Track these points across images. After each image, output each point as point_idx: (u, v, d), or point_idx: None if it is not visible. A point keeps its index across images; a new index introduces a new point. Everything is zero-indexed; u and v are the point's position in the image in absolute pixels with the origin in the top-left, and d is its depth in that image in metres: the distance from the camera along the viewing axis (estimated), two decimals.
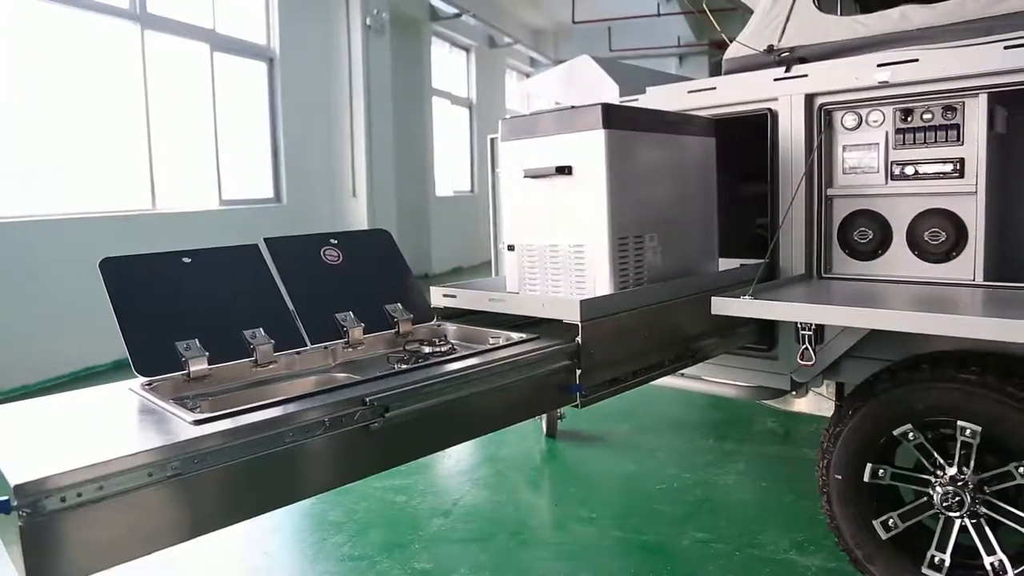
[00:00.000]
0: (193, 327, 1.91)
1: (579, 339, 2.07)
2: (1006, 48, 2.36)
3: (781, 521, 3.21)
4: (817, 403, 4.30)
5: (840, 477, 2.55)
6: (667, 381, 2.87)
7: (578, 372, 2.08)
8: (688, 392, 3.36)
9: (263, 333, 2.00)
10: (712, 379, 3.10)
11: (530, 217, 2.49)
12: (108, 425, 1.59)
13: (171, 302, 1.94)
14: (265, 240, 2.24)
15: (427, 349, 2.22)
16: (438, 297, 2.58)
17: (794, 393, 2.98)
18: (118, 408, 1.67)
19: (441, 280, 3.35)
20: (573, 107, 2.39)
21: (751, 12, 3.21)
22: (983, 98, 2.45)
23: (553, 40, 16.65)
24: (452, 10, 12.07)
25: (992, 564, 2.30)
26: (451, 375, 1.85)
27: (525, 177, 2.47)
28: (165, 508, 1.35)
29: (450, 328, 2.42)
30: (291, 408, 1.56)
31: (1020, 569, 2.26)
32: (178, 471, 1.35)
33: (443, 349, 2.21)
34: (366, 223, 9.48)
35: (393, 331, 2.32)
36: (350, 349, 2.22)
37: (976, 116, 2.48)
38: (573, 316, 2.09)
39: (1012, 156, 2.63)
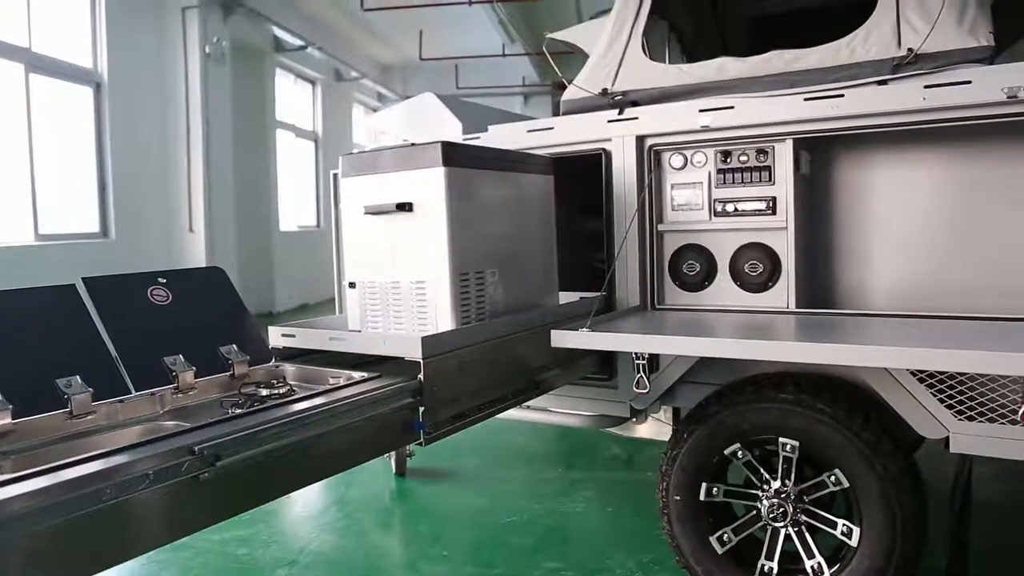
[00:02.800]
0: None
1: (421, 376, 2.06)
2: (806, 100, 2.63)
3: (628, 544, 3.30)
4: (657, 428, 4.50)
5: (679, 498, 2.67)
6: (513, 414, 2.91)
7: (421, 409, 2.07)
8: (535, 423, 3.42)
9: (80, 381, 1.85)
10: (557, 410, 3.17)
11: (371, 254, 2.46)
12: None
13: None
14: (84, 280, 2.08)
15: (264, 392, 2.13)
16: (276, 337, 2.48)
17: (634, 420, 3.11)
18: None
19: (286, 318, 3.23)
20: (413, 144, 2.41)
21: (588, 56, 3.37)
22: (789, 143, 2.71)
23: (401, 76, 16.71)
24: (297, 42, 11.85)
25: (812, 567, 2.50)
26: (289, 418, 1.78)
27: (366, 214, 2.44)
28: None
29: (289, 369, 2.34)
30: (110, 462, 1.44)
31: (835, 568, 2.46)
32: None
33: (281, 391, 2.13)
34: (204, 259, 9.02)
35: (228, 374, 2.21)
36: (180, 395, 2.09)
37: (784, 159, 2.73)
38: (415, 353, 2.07)
39: (816, 195, 2.90)
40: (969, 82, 2.39)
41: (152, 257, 8.59)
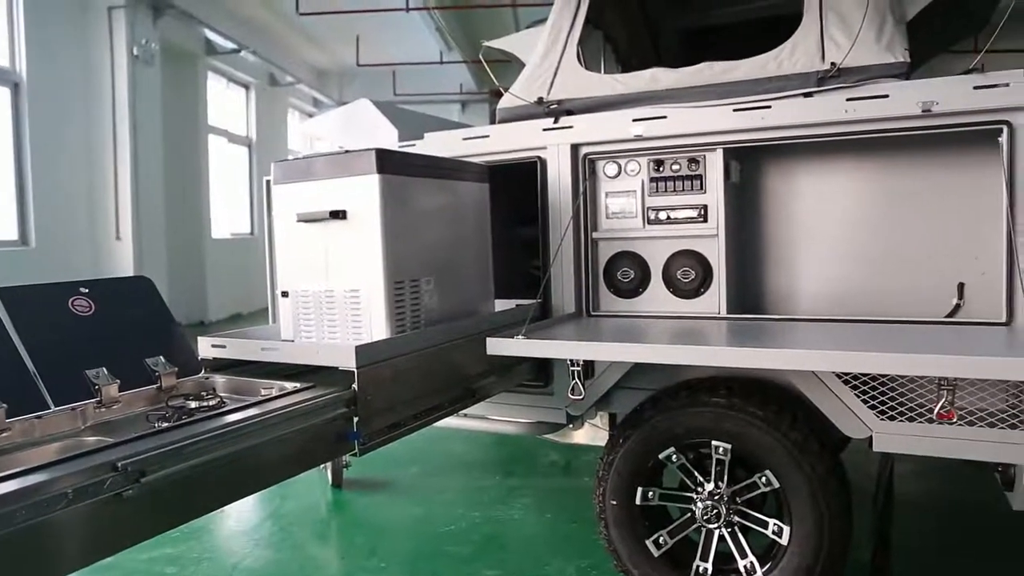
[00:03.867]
0: None
1: (355, 386, 2.04)
2: (735, 110, 2.70)
3: (566, 550, 3.32)
4: (593, 434, 4.53)
5: (615, 502, 2.70)
6: (451, 422, 2.90)
7: (355, 419, 2.04)
8: (473, 431, 3.41)
9: None
10: (494, 417, 3.17)
11: (304, 262, 2.42)
12: None
13: None
14: None
15: (193, 404, 2.06)
16: (206, 347, 2.42)
17: (571, 426, 3.13)
18: None
19: (219, 328, 3.15)
20: (347, 151, 2.38)
21: (524, 65, 3.40)
22: (720, 152, 2.77)
23: (338, 81, 16.50)
24: (230, 45, 11.59)
25: (745, 566, 2.56)
26: (219, 431, 1.74)
27: (299, 221, 2.40)
28: None
29: (219, 380, 2.28)
30: (24, 481, 1.38)
31: (767, 566, 2.52)
32: None
33: (211, 403, 2.07)
34: (132, 268, 8.73)
35: (155, 386, 2.14)
36: (103, 409, 2.01)
37: (715, 168, 2.79)
38: (349, 362, 2.05)
39: (745, 203, 2.98)
40: (887, 96, 2.50)
41: (76, 266, 8.27)
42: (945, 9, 2.90)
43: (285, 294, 2.49)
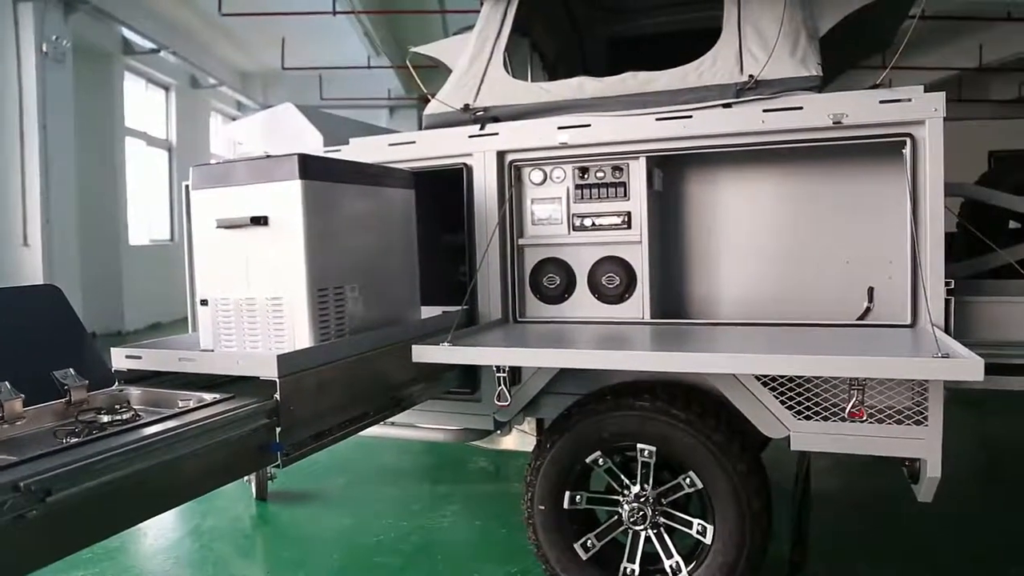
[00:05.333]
0: None
1: (277, 396, 1.99)
2: (657, 120, 2.76)
3: (496, 556, 3.32)
4: (522, 440, 4.55)
5: (543, 507, 2.72)
6: (378, 431, 2.86)
7: (278, 430, 2.00)
8: (401, 440, 3.38)
9: None
10: (422, 425, 3.15)
11: (225, 269, 2.36)
12: None
13: None
14: None
15: (105, 418, 1.98)
16: (120, 359, 2.32)
17: (499, 432, 3.13)
18: None
19: (136, 338, 3.03)
20: (268, 156, 2.33)
21: (451, 71, 3.39)
22: (643, 160, 2.83)
23: (262, 84, 16.15)
24: (148, 44, 11.20)
25: (671, 566, 2.61)
26: (132, 445, 1.67)
27: (218, 227, 2.34)
28: None
29: (134, 393, 2.19)
30: None
31: (692, 566, 2.58)
32: None
33: (124, 416, 1.99)
34: (41, 276, 8.32)
35: (63, 400, 2.05)
36: (6, 425, 1.91)
37: (639, 175, 2.85)
38: (270, 372, 2.00)
39: (668, 210, 3.05)
40: (801, 108, 2.60)
41: None
42: (853, 28, 3.03)
43: (204, 302, 2.42)
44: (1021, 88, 14.55)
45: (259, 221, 2.27)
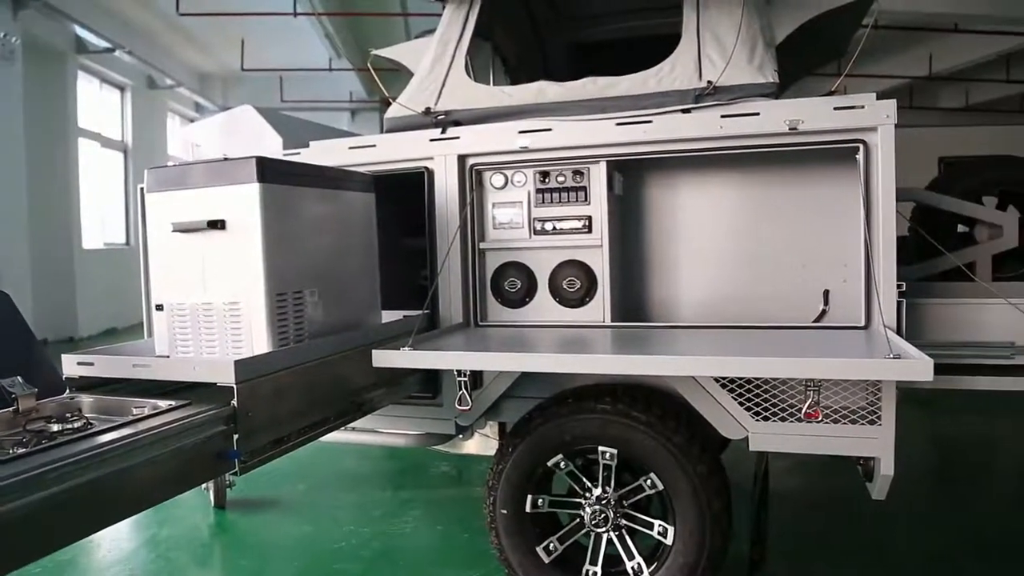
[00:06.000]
0: None
1: (235, 402, 1.96)
2: (617, 124, 2.78)
3: (458, 561, 3.31)
4: (484, 444, 4.55)
5: (505, 511, 2.72)
6: (339, 436, 2.84)
7: (236, 437, 1.96)
8: (362, 445, 3.36)
9: None
10: (383, 430, 3.13)
11: (181, 274, 2.32)
12: None
13: None
14: None
15: (55, 427, 1.92)
16: (71, 365, 2.26)
17: (461, 436, 3.12)
18: None
19: (90, 344, 2.96)
20: (226, 159, 2.30)
21: (413, 74, 3.38)
22: (603, 164, 2.85)
23: (222, 86, 15.91)
24: (103, 43, 10.95)
25: (632, 568, 2.63)
26: (83, 454, 1.63)
27: (175, 231, 2.30)
28: None
29: (86, 401, 2.14)
30: None
31: (654, 567, 2.60)
32: None
33: (76, 425, 1.93)
34: None
35: (11, 409, 1.99)
36: None
37: (599, 180, 2.86)
38: (228, 378, 1.97)
39: (628, 214, 3.07)
40: (758, 114, 2.64)
41: None
42: (808, 36, 3.09)
43: (160, 307, 2.37)
44: (969, 96, 15.01)
45: (216, 225, 2.23)
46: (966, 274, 3.08)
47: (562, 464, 2.68)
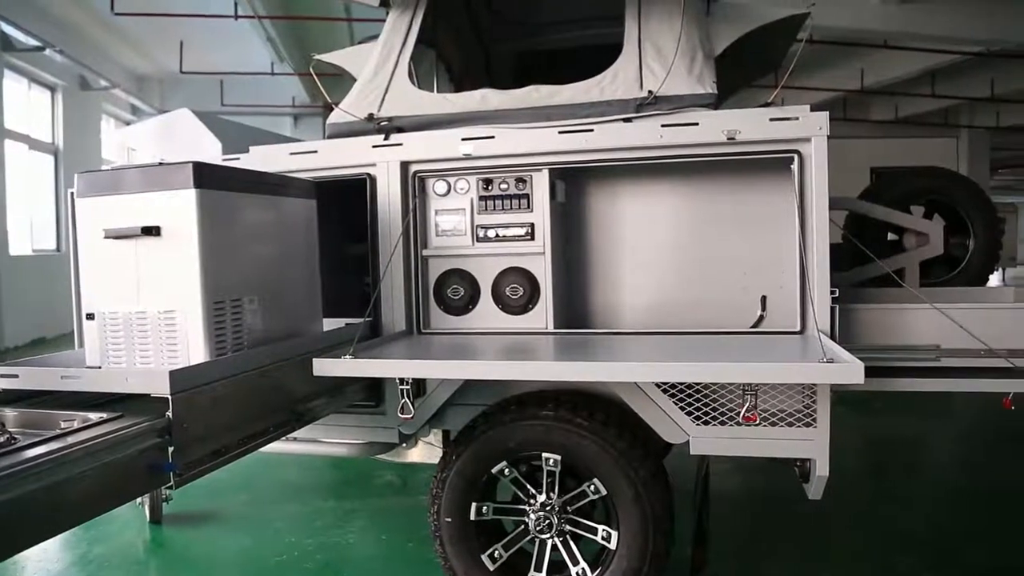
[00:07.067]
0: None
1: (170, 413, 1.91)
2: (560, 133, 2.81)
3: (402, 571, 3.29)
4: (429, 452, 4.52)
5: (450, 519, 2.70)
6: (280, 446, 2.78)
7: (171, 449, 1.91)
8: (304, 455, 3.30)
9: None
10: (326, 440, 3.08)
11: (113, 282, 2.25)
12: None
13: None
14: None
15: None
16: None
17: (404, 445, 3.10)
18: None
19: (17, 355, 2.84)
20: (161, 163, 2.24)
21: (356, 80, 3.35)
22: (546, 172, 2.87)
23: (159, 88, 15.51)
24: (32, 42, 10.55)
25: (577, 573, 2.65)
26: (5, 471, 1.56)
27: (107, 237, 2.23)
28: None
29: (10, 414, 2.05)
30: None
31: (597, 572, 2.63)
32: None
33: None
34: None
35: None
36: None
37: (542, 187, 2.88)
38: (162, 388, 1.91)
39: (571, 222, 3.10)
40: (697, 124, 2.69)
41: None
42: (746, 49, 3.17)
43: (91, 316, 2.30)
44: (898, 110, 15.61)
45: (151, 231, 2.18)
46: (895, 280, 3.19)
47: (506, 471, 2.69)
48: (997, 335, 2.61)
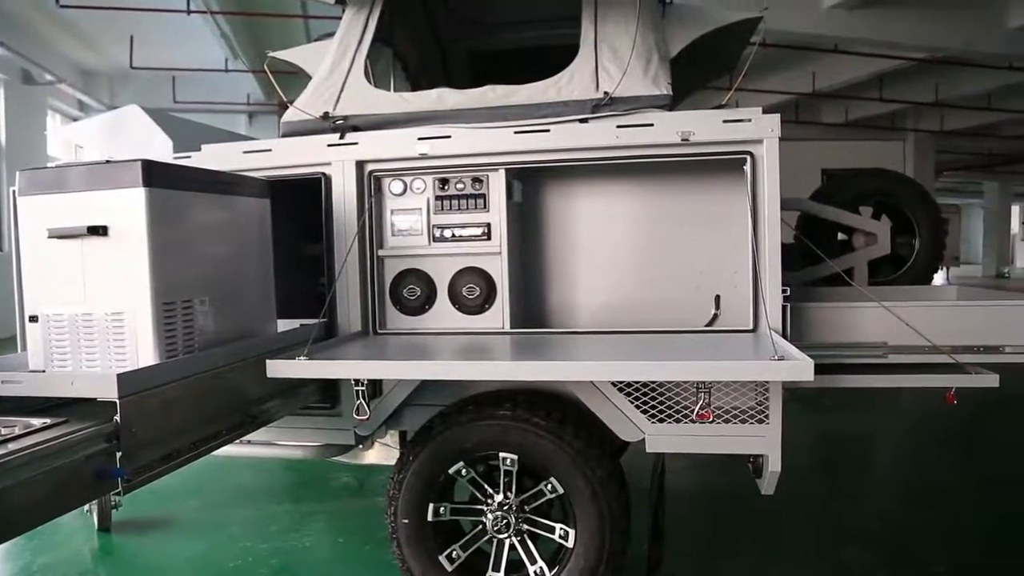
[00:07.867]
0: None
1: (117, 417, 1.86)
2: (516, 133, 2.81)
3: (360, 573, 3.27)
4: (386, 453, 4.49)
5: (407, 520, 2.69)
6: (234, 449, 2.73)
7: (119, 455, 1.87)
8: (259, 458, 3.25)
9: None
10: (281, 442, 3.04)
11: (58, 283, 2.19)
12: None
13: None
14: None
15: None
16: None
17: (361, 446, 3.07)
18: None
19: None
20: (108, 161, 2.19)
21: (311, 78, 3.31)
22: (502, 172, 2.87)
23: (108, 84, 15.12)
24: None
25: (535, 572, 2.66)
26: None
27: (51, 237, 2.17)
28: None
29: None
30: None
31: (555, 570, 2.64)
32: None
33: None
34: None
35: None
36: None
37: (498, 187, 2.88)
38: (110, 392, 1.87)
39: (528, 222, 3.11)
40: (652, 124, 2.72)
41: None
42: (701, 52, 3.21)
43: (34, 319, 2.23)
44: (848, 113, 16.00)
45: (97, 231, 2.13)
46: (844, 279, 3.27)
47: (463, 471, 2.68)
48: (941, 332, 2.69)
